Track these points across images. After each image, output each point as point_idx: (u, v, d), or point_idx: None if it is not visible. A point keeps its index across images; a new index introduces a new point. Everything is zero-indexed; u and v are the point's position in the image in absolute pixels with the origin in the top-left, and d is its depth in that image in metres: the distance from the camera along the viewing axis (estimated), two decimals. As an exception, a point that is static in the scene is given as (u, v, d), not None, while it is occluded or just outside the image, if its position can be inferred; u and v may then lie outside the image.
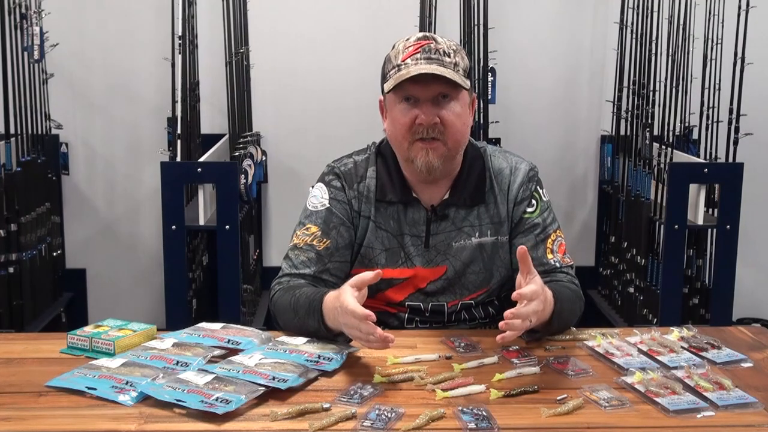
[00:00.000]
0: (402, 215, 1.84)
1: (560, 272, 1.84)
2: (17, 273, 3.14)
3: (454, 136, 1.75)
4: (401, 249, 1.83)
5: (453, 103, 1.74)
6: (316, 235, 1.82)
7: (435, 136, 1.74)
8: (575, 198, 3.98)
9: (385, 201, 1.84)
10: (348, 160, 1.89)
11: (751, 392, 1.45)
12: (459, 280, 1.84)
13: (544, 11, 3.82)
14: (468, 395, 1.44)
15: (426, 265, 1.83)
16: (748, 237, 3.46)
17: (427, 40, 1.75)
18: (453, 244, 1.83)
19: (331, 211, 1.83)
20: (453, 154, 1.78)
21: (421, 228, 1.83)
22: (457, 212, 1.84)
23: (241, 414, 1.37)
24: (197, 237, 3.31)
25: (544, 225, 1.86)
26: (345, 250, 1.84)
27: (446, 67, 1.71)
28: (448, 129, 1.74)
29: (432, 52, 1.72)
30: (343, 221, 1.83)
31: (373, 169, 1.86)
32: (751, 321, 3.60)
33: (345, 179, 1.86)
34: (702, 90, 3.32)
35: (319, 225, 1.83)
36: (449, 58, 1.73)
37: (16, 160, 3.17)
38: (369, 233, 1.84)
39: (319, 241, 1.82)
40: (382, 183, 1.84)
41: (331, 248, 1.82)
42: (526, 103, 3.85)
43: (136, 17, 3.72)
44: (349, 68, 3.77)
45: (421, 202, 1.84)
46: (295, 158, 3.84)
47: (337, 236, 1.82)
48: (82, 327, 1.70)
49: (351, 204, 1.84)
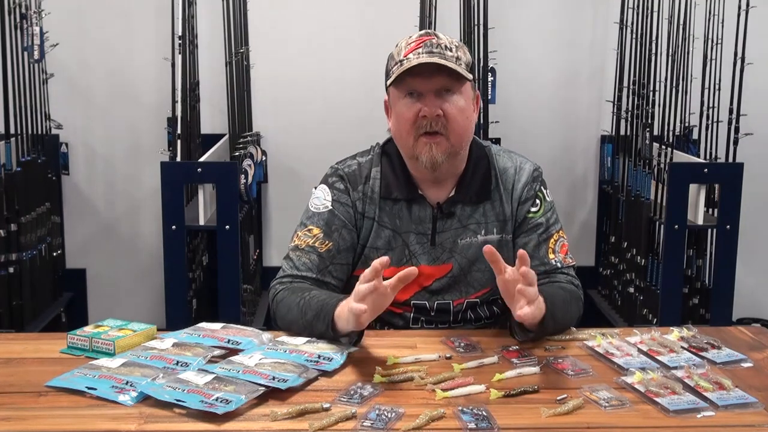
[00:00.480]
0: (407, 213, 1.84)
1: (560, 273, 1.84)
2: (17, 273, 3.14)
3: (457, 130, 1.75)
4: (405, 247, 1.83)
5: (456, 96, 1.75)
6: (318, 237, 1.82)
7: (438, 130, 1.74)
8: (575, 198, 3.98)
9: (390, 199, 1.84)
10: (352, 161, 1.89)
11: (751, 392, 1.45)
12: (464, 277, 1.84)
13: (544, 11, 3.82)
14: (468, 395, 1.44)
15: (431, 263, 1.83)
16: (748, 237, 3.46)
17: (429, 36, 1.76)
18: (459, 241, 1.84)
19: (333, 214, 1.83)
20: (457, 150, 1.78)
21: (427, 226, 1.83)
22: (463, 209, 1.84)
23: (241, 414, 1.37)
24: (197, 237, 3.31)
25: (547, 225, 1.86)
26: (347, 253, 1.84)
27: (448, 60, 1.72)
28: (450, 122, 1.74)
29: (434, 46, 1.73)
30: (345, 224, 1.83)
31: (377, 169, 1.86)
32: (751, 321, 3.60)
33: (349, 181, 1.85)
34: (702, 90, 3.32)
35: (321, 227, 1.83)
36: (451, 52, 1.74)
37: (16, 160, 3.17)
38: (372, 234, 1.84)
39: (321, 243, 1.82)
40: (387, 181, 1.84)
41: (333, 251, 1.82)
42: (526, 103, 3.85)
43: (136, 17, 3.72)
44: (349, 68, 3.77)
45: (427, 200, 1.84)
46: (295, 158, 3.84)
47: (339, 239, 1.82)
48: (82, 327, 1.70)
49: (355, 206, 1.84)
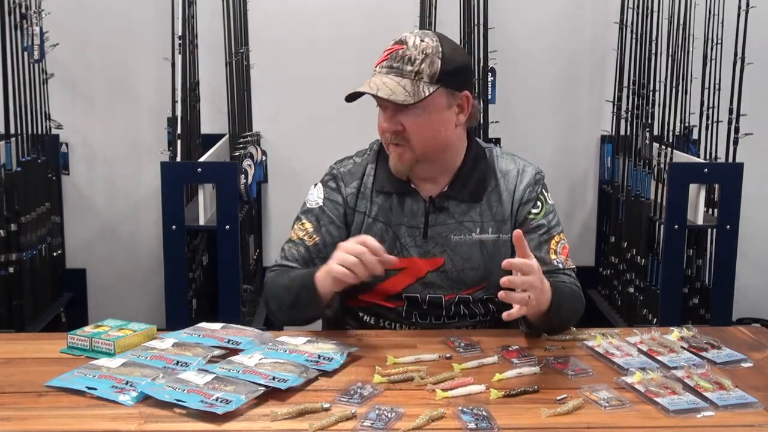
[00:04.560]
0: (399, 206, 1.86)
1: (563, 273, 1.84)
2: (17, 273, 3.14)
3: (419, 142, 1.77)
4: (396, 239, 1.86)
5: (417, 110, 1.74)
6: (308, 231, 1.88)
7: (399, 142, 1.78)
8: (575, 198, 3.98)
9: (383, 192, 1.88)
10: (348, 161, 1.94)
11: (751, 392, 1.45)
12: (457, 274, 1.85)
13: (544, 11, 3.82)
14: (468, 395, 1.44)
15: (422, 256, 1.85)
16: (748, 237, 3.46)
17: (400, 45, 1.76)
18: (452, 237, 1.85)
19: (323, 210, 1.89)
20: (426, 157, 1.81)
21: (420, 219, 1.85)
22: (457, 206, 1.85)
23: (241, 414, 1.37)
24: (197, 237, 3.31)
25: (549, 226, 1.87)
26: (333, 248, 1.85)
27: (404, 76, 1.72)
28: (411, 136, 1.77)
29: (396, 59, 1.74)
30: (333, 220, 1.88)
31: (372, 166, 1.91)
32: (751, 321, 3.60)
33: (343, 179, 1.90)
34: (702, 90, 3.31)
35: (312, 222, 1.89)
36: (411, 66, 1.73)
37: (16, 160, 3.17)
38: (364, 228, 1.87)
39: (309, 237, 1.88)
40: (381, 175, 1.88)
41: (320, 245, 1.87)
42: (526, 103, 3.85)
43: (136, 17, 3.71)
44: (349, 68, 3.75)
45: (420, 194, 1.86)
46: (295, 158, 3.84)
47: (326, 234, 1.87)
48: (82, 327, 1.70)
49: (346, 202, 1.89)
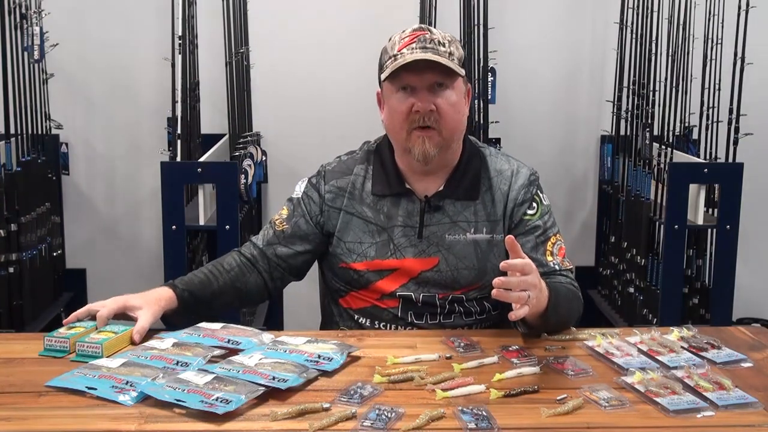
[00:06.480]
0: (394, 208, 1.87)
1: (560, 275, 1.85)
2: (17, 273, 3.14)
3: (449, 124, 1.79)
4: (390, 241, 1.86)
5: (448, 91, 1.78)
6: (282, 217, 1.96)
7: (430, 125, 1.78)
8: (575, 198, 3.98)
9: (377, 195, 1.88)
10: (335, 159, 1.98)
11: (751, 392, 1.45)
12: (451, 273, 1.85)
13: (544, 11, 3.82)
14: (468, 395, 1.44)
15: (417, 256, 1.86)
16: (748, 237, 3.46)
17: (423, 31, 1.79)
18: (446, 236, 1.85)
19: (300, 203, 1.95)
20: (449, 143, 1.82)
21: (415, 219, 1.86)
22: (452, 205, 1.86)
23: (241, 414, 1.37)
24: (197, 237, 3.30)
25: (545, 228, 1.87)
26: (300, 241, 1.93)
27: (441, 55, 1.75)
28: (443, 117, 1.78)
29: (427, 41, 1.77)
30: (305, 214, 1.93)
31: (362, 167, 1.92)
32: (751, 321, 3.61)
33: (324, 177, 1.95)
34: (702, 90, 3.32)
35: (288, 210, 1.95)
36: (444, 48, 1.77)
37: (16, 160, 3.17)
38: (340, 224, 1.88)
39: (280, 223, 1.95)
40: (376, 177, 1.89)
41: (287, 233, 1.93)
42: (526, 103, 3.85)
43: (136, 17, 3.71)
44: (349, 68, 3.77)
45: (415, 194, 1.86)
46: (295, 158, 3.83)
47: (294, 225, 1.93)
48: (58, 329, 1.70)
49: (323, 199, 1.92)
